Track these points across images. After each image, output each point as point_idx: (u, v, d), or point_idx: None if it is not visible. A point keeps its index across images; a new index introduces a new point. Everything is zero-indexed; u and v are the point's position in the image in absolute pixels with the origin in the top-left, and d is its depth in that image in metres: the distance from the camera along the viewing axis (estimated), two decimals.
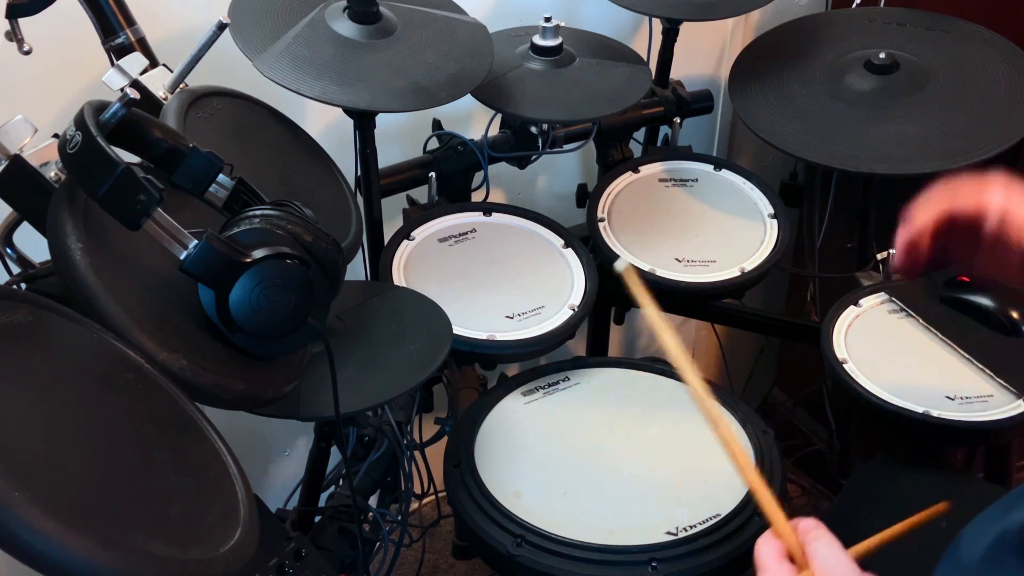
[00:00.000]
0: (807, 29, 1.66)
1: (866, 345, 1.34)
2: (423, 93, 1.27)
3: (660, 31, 1.67)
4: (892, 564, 1.17)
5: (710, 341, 2.25)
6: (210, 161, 0.96)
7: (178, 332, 0.91)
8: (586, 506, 1.17)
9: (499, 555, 1.13)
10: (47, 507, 0.67)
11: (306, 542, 1.02)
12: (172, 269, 0.89)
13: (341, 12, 1.30)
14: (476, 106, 1.46)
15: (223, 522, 0.82)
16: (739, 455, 0.87)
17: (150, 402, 0.86)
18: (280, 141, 1.29)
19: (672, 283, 1.44)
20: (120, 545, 0.70)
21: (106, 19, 1.17)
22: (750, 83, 1.57)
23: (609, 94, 1.46)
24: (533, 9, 1.61)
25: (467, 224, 1.48)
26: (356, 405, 1.13)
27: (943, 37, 1.56)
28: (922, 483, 1.27)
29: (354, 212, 1.29)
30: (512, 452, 1.25)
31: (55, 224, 0.88)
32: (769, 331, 1.90)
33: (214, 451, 0.89)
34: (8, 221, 1.05)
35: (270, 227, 0.93)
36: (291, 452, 1.88)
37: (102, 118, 0.89)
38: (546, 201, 1.90)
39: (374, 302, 1.27)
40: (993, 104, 1.46)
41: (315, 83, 1.23)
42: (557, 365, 1.37)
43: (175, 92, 1.17)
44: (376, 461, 1.39)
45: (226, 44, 1.20)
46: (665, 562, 1.09)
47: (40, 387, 0.80)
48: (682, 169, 1.63)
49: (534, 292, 1.38)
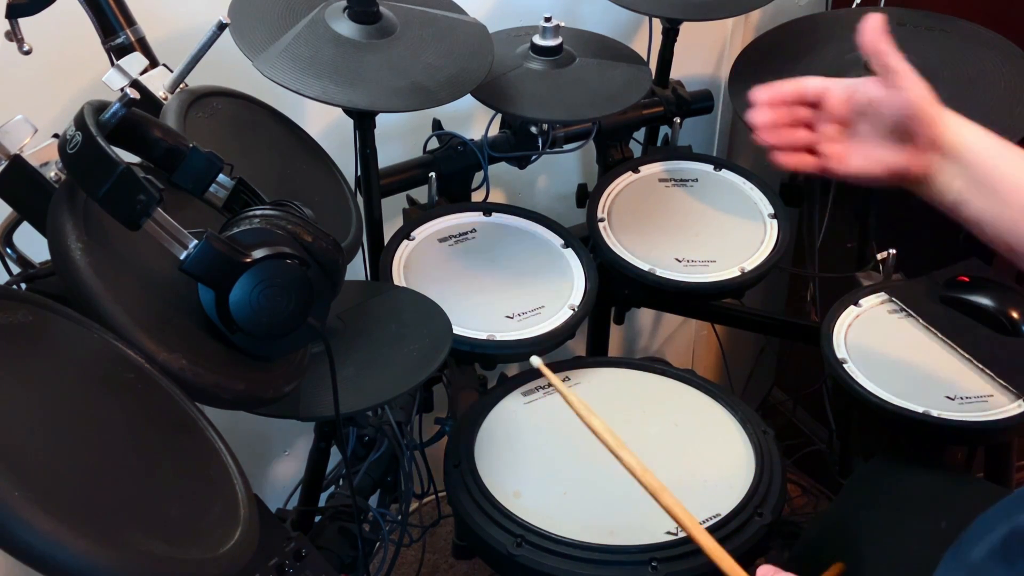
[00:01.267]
0: (807, 29, 1.66)
1: (866, 345, 1.34)
2: (423, 93, 1.27)
3: (660, 31, 1.67)
4: (893, 564, 1.17)
5: (710, 341, 2.25)
6: (210, 161, 0.96)
7: (178, 332, 0.91)
8: (586, 506, 1.17)
9: (499, 555, 1.13)
10: (47, 507, 0.67)
11: (306, 542, 1.02)
12: (172, 269, 0.89)
13: (341, 12, 1.30)
14: (476, 106, 1.46)
15: (223, 522, 0.82)
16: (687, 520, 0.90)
17: (150, 402, 0.86)
18: (280, 141, 1.29)
19: (672, 283, 1.44)
20: (120, 545, 0.70)
21: (106, 19, 1.17)
22: (750, 83, 1.56)
23: (609, 94, 1.46)
24: (533, 9, 1.61)
25: (467, 224, 1.48)
26: (356, 405, 1.13)
27: (943, 37, 1.56)
28: (922, 483, 1.27)
29: (354, 212, 1.29)
30: (512, 452, 1.25)
31: (55, 224, 0.88)
32: (769, 331, 1.90)
33: (214, 451, 0.89)
34: (8, 221, 1.04)
35: (270, 227, 0.93)
36: (291, 452, 1.88)
37: (102, 118, 0.89)
38: (546, 201, 1.90)
39: (374, 302, 1.27)
40: (993, 104, 1.46)
41: (315, 83, 1.23)
42: (557, 365, 1.37)
43: (175, 92, 1.17)
44: (376, 461, 1.39)
45: (226, 44, 1.19)
46: (665, 562, 1.09)
47: (40, 387, 0.80)
48: (682, 169, 1.63)
49: (534, 292, 1.38)
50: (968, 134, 0.96)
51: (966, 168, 0.95)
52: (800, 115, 1.01)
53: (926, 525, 1.19)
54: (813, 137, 1.01)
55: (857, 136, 0.99)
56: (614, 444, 0.96)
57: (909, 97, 0.95)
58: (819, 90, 1.00)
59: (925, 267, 1.44)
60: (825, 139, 1.00)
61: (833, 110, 0.99)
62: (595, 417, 0.97)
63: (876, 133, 0.98)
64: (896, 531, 1.20)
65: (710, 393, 1.33)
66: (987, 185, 0.94)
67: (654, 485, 0.94)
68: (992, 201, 0.94)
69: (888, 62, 0.95)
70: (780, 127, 1.00)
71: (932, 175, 0.96)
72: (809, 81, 1.01)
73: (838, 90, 0.99)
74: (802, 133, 1.01)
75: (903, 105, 0.95)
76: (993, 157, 0.95)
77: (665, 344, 2.26)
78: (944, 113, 0.96)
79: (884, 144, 0.97)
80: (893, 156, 0.97)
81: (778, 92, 1.00)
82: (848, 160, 0.99)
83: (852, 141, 0.99)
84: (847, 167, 0.99)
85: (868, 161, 0.98)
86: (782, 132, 1.00)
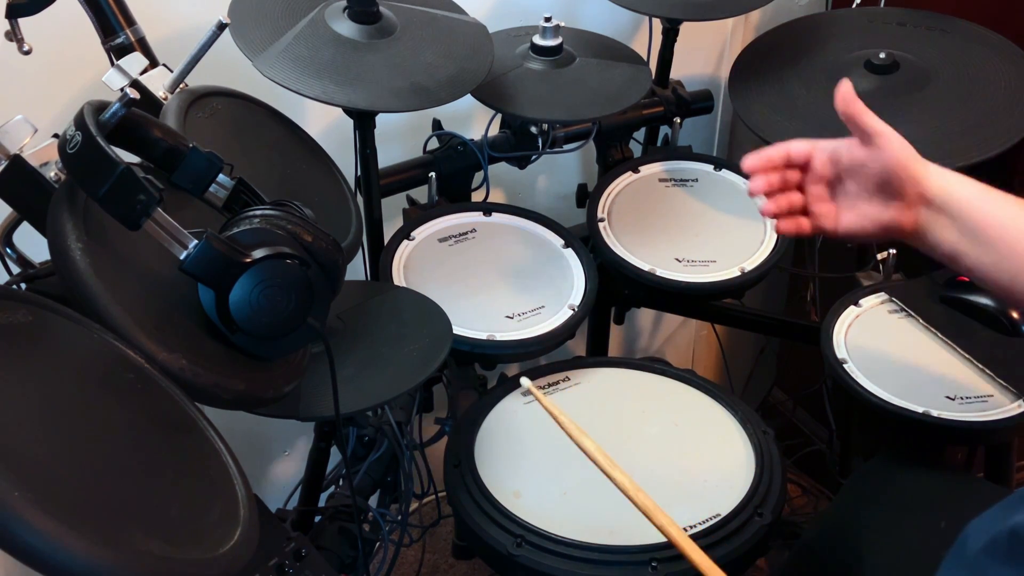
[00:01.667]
0: (807, 29, 1.66)
1: (866, 345, 1.34)
2: (423, 93, 1.27)
3: (660, 31, 1.67)
4: (893, 564, 1.17)
5: (710, 341, 2.25)
6: (210, 161, 0.96)
7: (178, 332, 0.91)
8: (586, 506, 1.17)
9: (499, 555, 1.13)
10: (47, 507, 0.67)
11: (306, 542, 1.02)
12: (172, 269, 0.89)
13: (341, 12, 1.30)
14: (476, 106, 1.46)
15: (223, 522, 0.82)
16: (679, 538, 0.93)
17: (150, 402, 0.86)
18: (280, 141, 1.29)
19: (672, 283, 1.44)
20: (120, 545, 0.70)
21: (106, 19, 1.17)
22: (750, 83, 1.57)
23: (609, 94, 1.46)
24: (533, 9, 1.61)
25: (467, 224, 1.48)
26: (356, 405, 1.13)
27: (943, 37, 1.56)
28: (922, 483, 1.27)
29: (354, 212, 1.29)
30: (512, 452, 1.25)
31: (55, 224, 0.88)
32: (769, 331, 1.89)
33: (214, 451, 0.89)
34: (8, 221, 1.05)
35: (270, 227, 0.93)
36: (291, 452, 1.88)
37: (102, 118, 0.89)
38: (546, 201, 1.90)
39: (374, 302, 1.27)
40: (993, 104, 1.46)
41: (315, 83, 1.23)
42: (557, 365, 1.37)
43: (175, 92, 1.17)
44: (376, 461, 1.39)
45: (226, 44, 1.20)
46: (665, 562, 1.09)
47: (40, 387, 0.80)
48: (682, 169, 1.63)
49: (534, 292, 1.38)
50: (955, 185, 0.96)
51: (956, 219, 0.95)
52: (791, 178, 1.02)
53: (926, 525, 1.19)
54: (804, 198, 1.02)
55: (845, 195, 1.00)
56: (606, 465, 0.96)
57: (892, 156, 0.96)
58: (805, 152, 1.01)
59: (925, 267, 1.44)
60: (814, 199, 1.01)
61: (819, 170, 1.00)
62: (587, 438, 0.98)
63: (864, 191, 0.99)
64: (896, 531, 1.20)
65: (710, 393, 1.33)
66: (980, 235, 0.94)
67: (647, 504, 0.94)
68: (986, 250, 0.93)
69: (865, 125, 0.96)
70: (775, 192, 1.01)
71: (924, 228, 0.97)
72: (794, 144, 1.01)
73: (823, 151, 1.00)
74: (795, 195, 1.02)
75: (887, 164, 0.96)
76: (982, 205, 0.95)
77: (665, 344, 2.26)
78: (928, 167, 0.97)
79: (873, 201, 0.98)
80: (883, 212, 0.98)
81: (767, 158, 1.01)
82: (839, 219, 1.00)
83: (841, 200, 1.00)
84: (839, 226, 1.01)
85: (859, 218, 0.99)
86: (778, 198, 1.01)
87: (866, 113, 0.96)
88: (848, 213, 1.00)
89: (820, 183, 1.01)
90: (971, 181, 0.96)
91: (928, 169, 0.96)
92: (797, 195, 1.02)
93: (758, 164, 1.01)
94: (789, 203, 1.01)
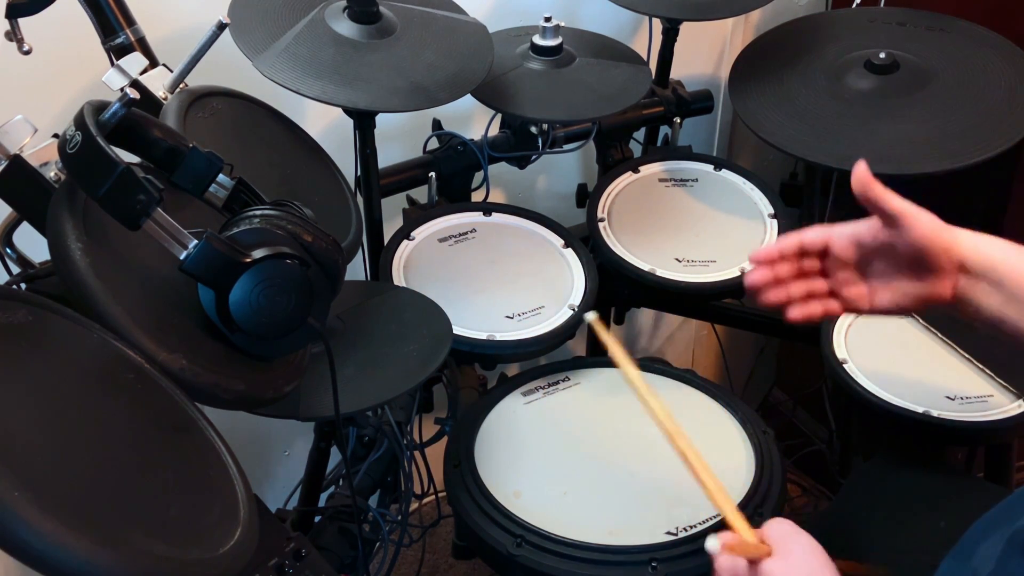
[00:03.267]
0: (807, 29, 1.66)
1: (866, 345, 1.34)
2: (423, 93, 1.27)
3: (660, 31, 1.67)
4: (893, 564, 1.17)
5: (710, 341, 2.25)
6: (210, 161, 0.96)
7: (178, 332, 0.91)
8: (586, 506, 1.17)
9: (499, 555, 1.13)
10: (47, 507, 0.67)
11: (306, 542, 1.02)
12: (172, 269, 0.89)
13: (341, 12, 1.30)
14: (476, 106, 1.46)
15: (223, 522, 0.82)
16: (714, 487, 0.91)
17: (150, 402, 0.86)
18: (280, 141, 1.29)
19: (672, 283, 1.44)
20: (120, 545, 0.70)
21: (106, 19, 1.17)
22: (750, 83, 1.57)
23: (609, 94, 1.46)
24: (533, 9, 1.61)
25: (467, 224, 1.48)
26: (356, 405, 1.13)
27: (943, 37, 1.56)
28: (922, 483, 1.27)
29: (354, 212, 1.29)
30: (512, 452, 1.25)
31: (55, 224, 0.88)
32: (769, 331, 1.89)
33: (214, 451, 0.89)
34: (8, 221, 1.05)
35: (270, 227, 0.93)
36: (291, 452, 1.88)
37: (102, 118, 0.89)
38: (546, 201, 1.90)
39: (374, 302, 1.27)
40: (993, 104, 1.45)
41: (315, 83, 1.23)
42: (557, 365, 1.37)
43: (175, 92, 1.17)
44: (376, 461, 1.39)
45: (226, 44, 1.19)
46: (665, 562, 1.09)
47: (40, 387, 0.80)
48: (682, 169, 1.63)
49: (534, 292, 1.38)
50: (991, 249, 0.93)
51: (999, 284, 0.92)
52: (808, 266, 1.00)
53: (926, 525, 1.19)
54: (830, 284, 1.00)
55: (875, 275, 0.98)
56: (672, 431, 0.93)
57: (920, 234, 0.93)
58: (820, 240, 0.99)
59: None
60: (842, 284, 0.99)
61: (842, 255, 0.98)
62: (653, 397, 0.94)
63: (894, 269, 0.96)
64: (896, 531, 1.20)
65: (710, 393, 1.33)
66: None
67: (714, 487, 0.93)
68: None
69: (887, 208, 0.93)
70: (786, 282, 0.99)
71: (965, 297, 0.94)
72: (807, 233, 1.00)
73: (842, 237, 0.98)
74: (817, 283, 1.00)
75: (916, 242, 0.93)
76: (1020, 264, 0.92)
77: (665, 344, 2.26)
78: (957, 233, 0.94)
79: (905, 277, 0.96)
80: (919, 287, 0.95)
81: (777, 250, 1.00)
82: (874, 299, 0.98)
83: (873, 280, 0.98)
84: (875, 305, 0.98)
85: (895, 295, 0.97)
86: (790, 287, 0.99)
87: (886, 195, 0.93)
88: (883, 292, 0.97)
89: (846, 268, 0.99)
90: (1002, 241, 0.94)
91: (957, 236, 0.94)
92: (819, 282, 1.00)
93: (764, 256, 0.99)
94: (807, 290, 0.99)
